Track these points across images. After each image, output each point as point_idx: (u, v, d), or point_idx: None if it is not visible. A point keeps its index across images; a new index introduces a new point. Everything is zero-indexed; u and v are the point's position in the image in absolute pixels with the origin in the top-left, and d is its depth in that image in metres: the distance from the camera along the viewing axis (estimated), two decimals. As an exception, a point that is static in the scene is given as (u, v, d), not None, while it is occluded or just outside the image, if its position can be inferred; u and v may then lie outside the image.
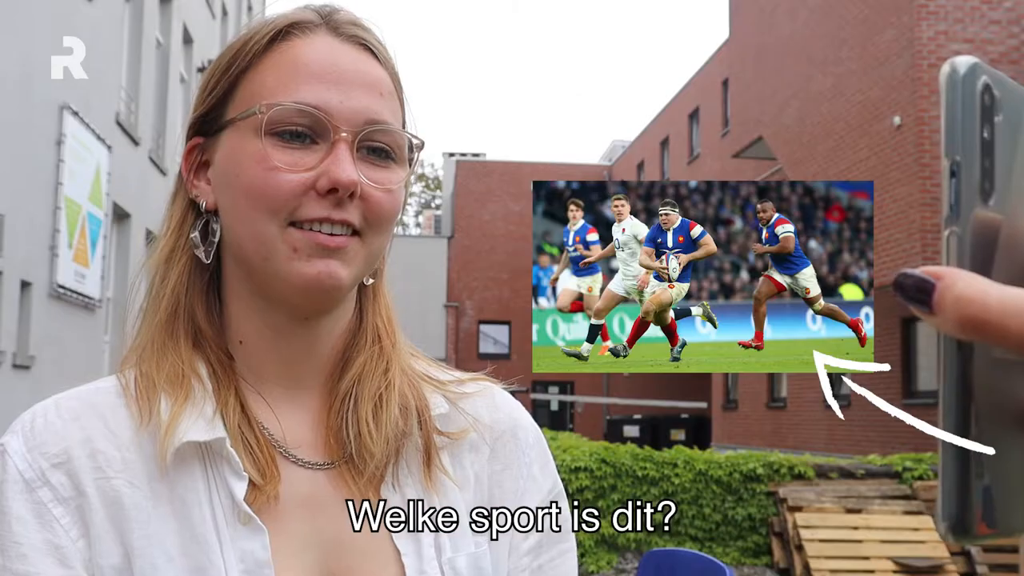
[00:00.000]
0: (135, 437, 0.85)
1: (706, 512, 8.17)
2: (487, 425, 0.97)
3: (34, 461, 0.83)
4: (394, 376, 0.92)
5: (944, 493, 0.42)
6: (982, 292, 0.41)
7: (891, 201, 13.37)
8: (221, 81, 0.90)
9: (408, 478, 0.90)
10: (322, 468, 0.89)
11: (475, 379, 1.00)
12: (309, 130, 0.85)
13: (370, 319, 0.95)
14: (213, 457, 0.85)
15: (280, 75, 0.86)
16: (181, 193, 0.93)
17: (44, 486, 0.82)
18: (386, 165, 0.88)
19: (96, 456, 0.84)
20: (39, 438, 0.84)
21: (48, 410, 0.86)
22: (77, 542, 0.82)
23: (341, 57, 0.87)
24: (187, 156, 0.93)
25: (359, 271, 0.87)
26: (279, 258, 0.84)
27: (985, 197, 0.43)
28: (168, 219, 0.93)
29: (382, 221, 0.87)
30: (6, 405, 8.65)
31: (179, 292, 0.90)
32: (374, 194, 0.86)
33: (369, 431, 0.88)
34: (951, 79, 0.44)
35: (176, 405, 0.85)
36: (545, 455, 1.00)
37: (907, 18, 13.46)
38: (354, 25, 0.90)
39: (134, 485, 0.83)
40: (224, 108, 0.89)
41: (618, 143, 37.23)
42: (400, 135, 0.89)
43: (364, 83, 0.87)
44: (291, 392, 0.92)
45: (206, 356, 0.89)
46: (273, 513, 0.85)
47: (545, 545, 0.96)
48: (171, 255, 0.91)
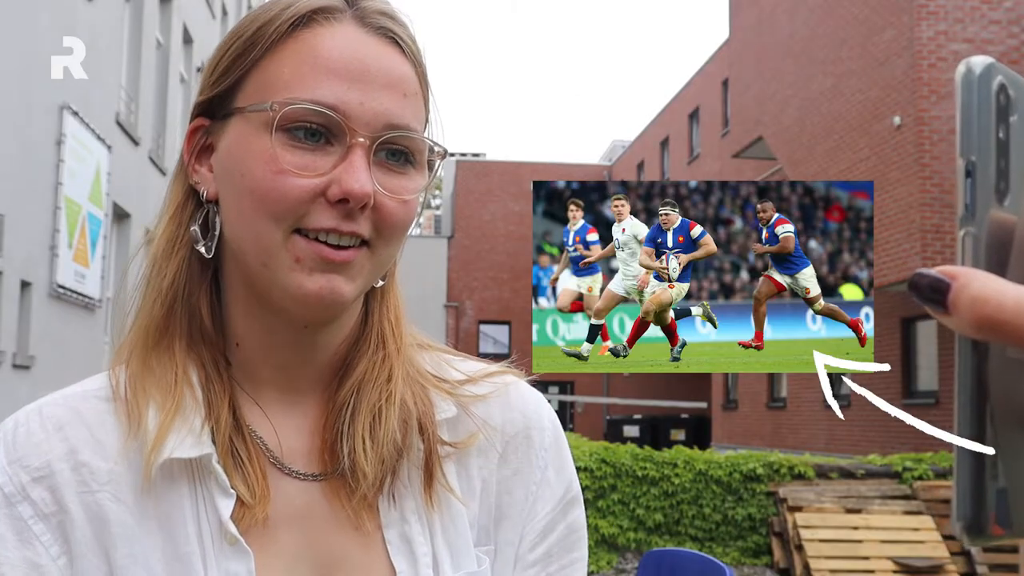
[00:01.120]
0: (122, 448, 0.80)
1: (706, 512, 8.17)
2: (498, 428, 0.91)
3: (14, 475, 0.79)
4: (396, 385, 0.86)
5: (959, 494, 0.42)
6: (998, 292, 0.41)
7: (891, 201, 13.37)
8: (235, 64, 0.82)
9: (407, 492, 0.85)
10: (316, 480, 0.85)
11: (493, 374, 0.93)
12: (324, 129, 0.78)
13: (376, 322, 0.89)
14: (201, 472, 0.81)
15: (297, 67, 0.79)
16: (180, 177, 0.86)
17: (24, 501, 0.78)
18: (404, 171, 0.81)
19: (80, 469, 0.80)
20: (20, 451, 0.80)
21: (31, 419, 0.82)
22: (58, 560, 0.78)
23: (365, 51, 0.80)
24: (190, 137, 0.85)
25: (365, 283, 0.82)
26: (280, 267, 0.78)
27: (1000, 197, 0.43)
28: (166, 204, 0.86)
29: (395, 232, 0.81)
30: (6, 405, 8.65)
31: (178, 288, 0.84)
32: (387, 204, 0.79)
33: (364, 448, 0.82)
34: (967, 79, 0.43)
35: (165, 416, 0.80)
36: (562, 457, 0.94)
37: (907, 18, 13.46)
38: (382, 15, 0.83)
39: (119, 499, 0.79)
40: (235, 93, 0.82)
41: (618, 143, 37.22)
42: (422, 140, 0.82)
43: (387, 82, 0.80)
44: (288, 398, 0.87)
45: (201, 358, 0.84)
46: (263, 529, 0.81)
47: (555, 554, 0.91)
48: (169, 247, 0.85)
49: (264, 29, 0.81)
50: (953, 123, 7.92)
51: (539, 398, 0.95)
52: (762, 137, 18.89)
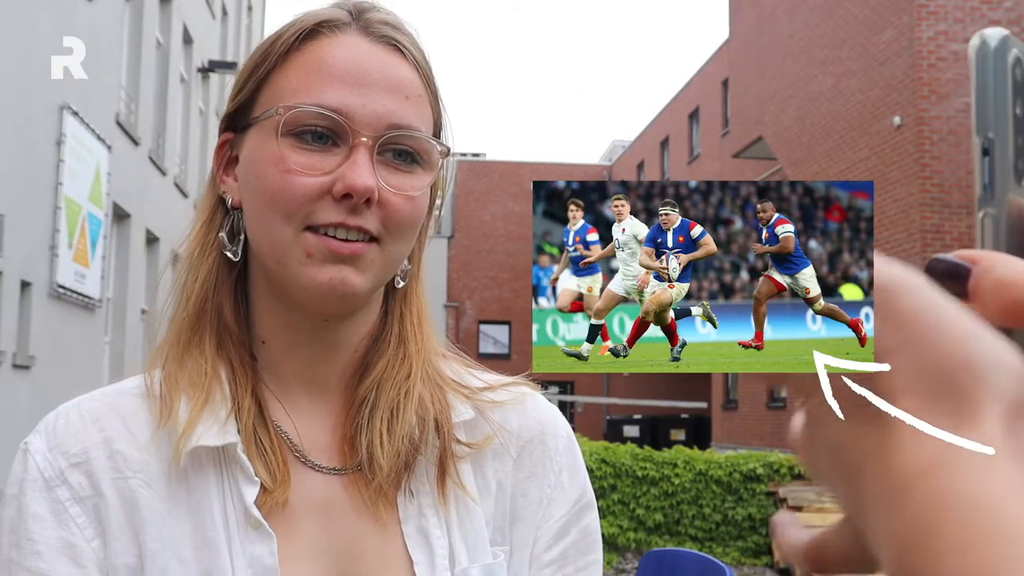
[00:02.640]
0: (154, 438, 0.85)
1: (706, 512, 8.17)
2: (513, 433, 0.94)
3: (54, 460, 0.84)
4: (414, 383, 0.90)
5: None
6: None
7: (891, 201, 13.37)
8: (250, 79, 0.88)
9: (424, 487, 0.89)
10: (337, 473, 0.88)
11: (510, 384, 0.98)
12: (330, 131, 0.83)
13: (396, 322, 0.93)
14: (228, 461, 0.85)
15: (303, 76, 0.84)
16: (211, 188, 0.93)
17: (63, 485, 0.83)
18: (410, 170, 0.85)
19: (115, 456, 0.84)
20: (60, 438, 0.85)
21: (70, 411, 0.87)
22: (92, 542, 0.82)
23: (367, 58, 0.85)
24: (218, 151, 0.92)
25: (376, 278, 0.86)
26: (293, 262, 0.83)
27: (1020, 177, 0.41)
28: (198, 214, 0.93)
29: (401, 228, 0.85)
30: (6, 405, 8.65)
31: (207, 289, 0.89)
32: (393, 200, 0.84)
33: (381, 442, 0.86)
34: (981, 52, 0.41)
35: (194, 408, 0.85)
36: (576, 463, 0.98)
37: (907, 18, 13.46)
38: (386, 25, 0.88)
39: (150, 486, 0.84)
40: (252, 106, 0.88)
41: (618, 143, 37.22)
42: (426, 140, 0.86)
43: (389, 85, 0.84)
44: (311, 395, 0.91)
45: (229, 356, 0.89)
46: (286, 517, 0.85)
47: (570, 557, 0.94)
48: (199, 252, 0.90)
49: (275, 44, 0.87)
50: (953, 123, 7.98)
51: (554, 409, 1.00)
52: (762, 137, 18.89)
